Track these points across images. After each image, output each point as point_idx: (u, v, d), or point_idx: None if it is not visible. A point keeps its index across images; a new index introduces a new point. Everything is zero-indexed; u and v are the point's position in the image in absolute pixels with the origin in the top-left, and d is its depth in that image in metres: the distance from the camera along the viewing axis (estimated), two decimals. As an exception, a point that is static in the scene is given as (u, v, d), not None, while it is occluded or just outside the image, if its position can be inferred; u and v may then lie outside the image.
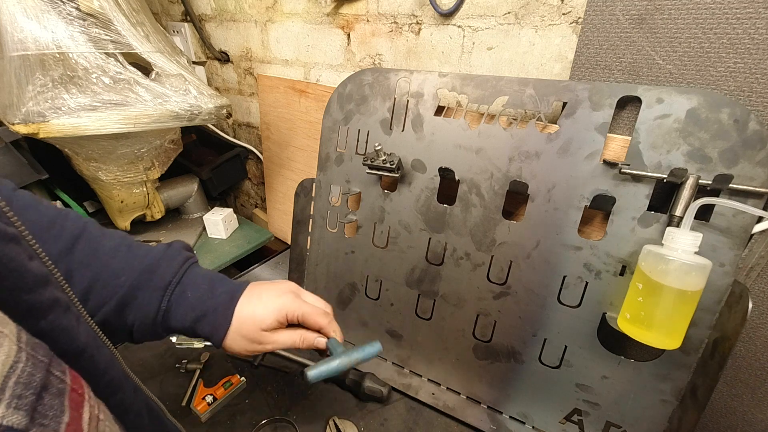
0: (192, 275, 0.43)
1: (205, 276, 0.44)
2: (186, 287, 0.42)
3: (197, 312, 0.41)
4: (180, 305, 0.41)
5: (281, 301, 0.44)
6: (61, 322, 0.25)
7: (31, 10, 0.67)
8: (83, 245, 0.39)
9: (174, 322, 0.41)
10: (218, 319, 0.42)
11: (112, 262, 0.39)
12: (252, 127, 1.18)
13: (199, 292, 0.42)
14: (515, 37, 0.62)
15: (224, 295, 0.43)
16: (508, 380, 0.61)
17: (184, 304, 0.41)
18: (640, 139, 0.48)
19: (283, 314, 0.43)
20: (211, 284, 0.43)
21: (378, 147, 0.60)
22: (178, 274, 0.42)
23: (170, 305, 0.41)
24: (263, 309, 0.43)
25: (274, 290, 0.45)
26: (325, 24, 0.84)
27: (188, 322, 0.41)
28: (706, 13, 0.45)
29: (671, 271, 0.43)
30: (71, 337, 0.26)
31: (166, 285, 0.41)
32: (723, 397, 0.57)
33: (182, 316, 0.41)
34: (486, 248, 0.59)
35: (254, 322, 0.42)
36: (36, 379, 0.19)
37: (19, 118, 0.68)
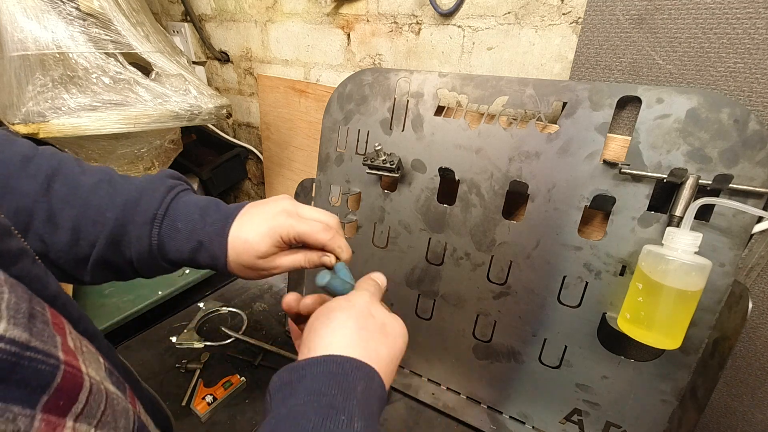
0: (181, 205, 0.40)
1: (197, 203, 0.41)
2: (176, 218, 0.39)
3: (192, 243, 0.39)
4: (173, 238, 0.39)
5: (273, 224, 0.40)
6: (31, 270, 0.25)
7: (31, 10, 0.67)
8: (61, 183, 0.37)
9: (172, 254, 0.39)
10: (214, 249, 0.39)
11: (93, 198, 0.37)
12: (252, 127, 1.18)
13: (190, 221, 0.39)
14: (515, 37, 0.62)
15: (217, 222, 0.40)
16: (508, 380, 0.61)
17: (177, 237, 0.39)
18: (640, 139, 0.48)
19: (276, 237, 0.40)
20: (203, 212, 0.40)
21: (378, 147, 0.60)
22: (162, 206, 0.39)
23: (162, 238, 0.39)
24: (255, 235, 0.39)
25: (266, 211, 0.41)
26: (325, 24, 0.84)
27: (186, 253, 0.39)
28: (706, 13, 0.45)
29: (671, 271, 0.43)
30: (43, 285, 0.26)
31: (151, 218, 0.38)
32: (723, 397, 0.57)
33: (178, 248, 0.39)
34: (486, 248, 0.59)
35: (248, 251, 0.39)
36: (23, 308, 0.20)
37: (19, 118, 0.68)
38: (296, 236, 0.40)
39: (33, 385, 0.20)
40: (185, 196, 0.42)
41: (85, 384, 0.23)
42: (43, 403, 0.20)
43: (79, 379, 0.22)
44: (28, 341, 0.20)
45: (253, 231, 0.40)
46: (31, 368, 0.20)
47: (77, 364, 0.23)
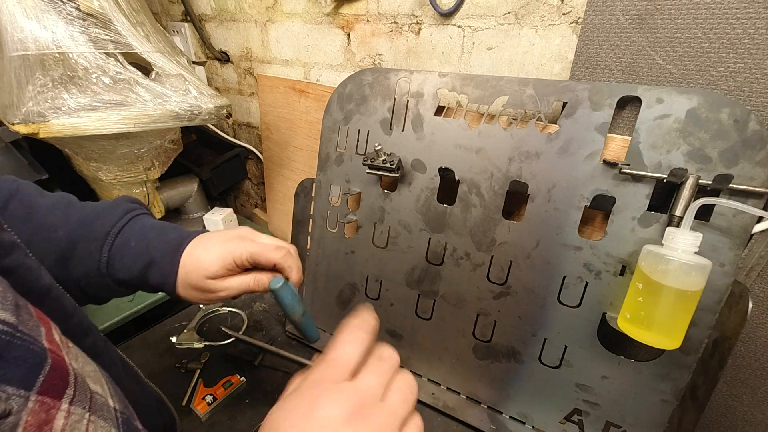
0: (137, 225, 0.41)
1: (154, 225, 0.42)
2: (129, 237, 0.40)
3: (144, 260, 0.39)
4: (124, 255, 0.39)
5: (226, 246, 0.40)
6: (24, 261, 0.26)
7: (31, 10, 0.67)
8: (17, 204, 0.38)
9: (121, 273, 0.39)
10: (165, 266, 0.39)
11: (48, 218, 0.38)
12: (252, 127, 1.18)
13: (145, 239, 0.40)
14: (515, 37, 0.62)
15: (173, 241, 0.41)
16: (508, 380, 0.61)
17: (129, 254, 0.39)
18: (640, 139, 0.48)
19: (229, 259, 0.40)
20: (160, 232, 0.41)
21: (378, 147, 0.60)
22: (117, 225, 0.39)
23: (112, 255, 0.39)
24: (207, 255, 0.40)
25: (222, 236, 0.42)
26: (325, 24, 0.84)
27: (136, 271, 0.39)
28: (706, 13, 0.45)
29: (671, 271, 0.43)
30: (36, 277, 0.27)
31: (104, 235, 0.39)
32: (723, 397, 0.57)
33: (128, 265, 0.39)
34: (486, 248, 0.59)
35: (199, 270, 0.40)
36: (9, 297, 0.21)
37: (19, 118, 0.68)
38: (249, 257, 0.40)
39: (29, 363, 0.20)
40: (144, 218, 0.42)
41: (71, 372, 0.23)
42: (39, 383, 0.20)
43: (65, 367, 0.23)
44: (16, 324, 0.20)
45: (207, 251, 0.40)
46: (24, 347, 0.20)
47: (62, 355, 0.23)
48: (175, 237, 0.41)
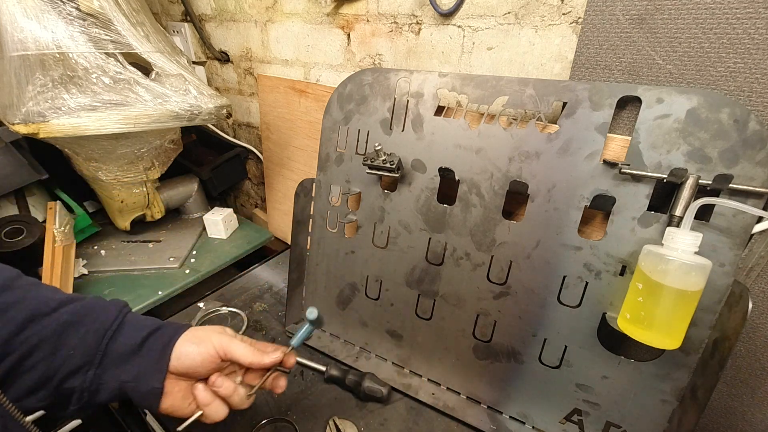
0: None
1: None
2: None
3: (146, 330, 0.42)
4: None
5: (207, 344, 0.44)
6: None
7: (31, 10, 0.67)
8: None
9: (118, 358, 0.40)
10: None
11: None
12: (252, 127, 1.18)
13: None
14: (515, 37, 0.62)
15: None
16: (508, 380, 0.61)
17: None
18: (640, 139, 0.48)
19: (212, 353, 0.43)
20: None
21: (378, 147, 0.60)
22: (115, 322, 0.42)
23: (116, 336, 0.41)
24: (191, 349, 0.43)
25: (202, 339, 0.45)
26: (325, 24, 0.84)
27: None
28: (706, 13, 0.45)
29: (671, 271, 0.43)
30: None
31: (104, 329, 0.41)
32: (723, 397, 0.57)
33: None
34: (486, 248, 0.59)
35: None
36: None
37: (19, 118, 0.68)
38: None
39: None
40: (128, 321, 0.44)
41: None
42: None
43: None
44: None
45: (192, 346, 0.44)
46: None
47: None
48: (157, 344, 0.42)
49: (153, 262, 0.95)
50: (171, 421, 0.60)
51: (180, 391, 0.43)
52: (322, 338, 0.76)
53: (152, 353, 0.41)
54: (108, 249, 0.99)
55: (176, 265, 0.95)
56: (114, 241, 1.02)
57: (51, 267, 0.77)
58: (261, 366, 0.45)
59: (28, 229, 0.84)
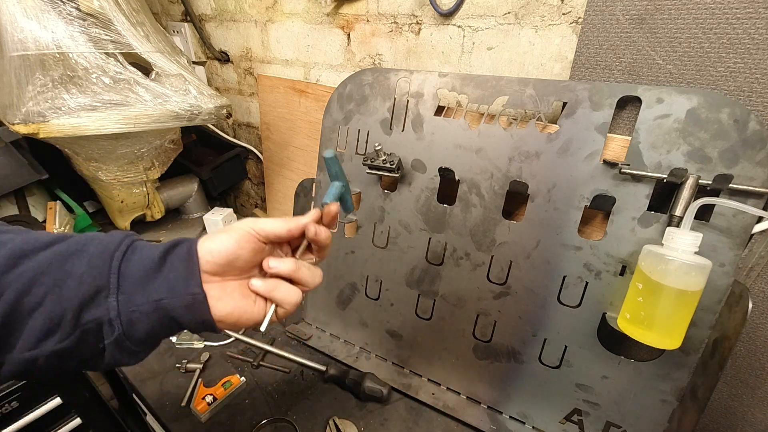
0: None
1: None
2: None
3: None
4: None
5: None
6: None
7: (31, 10, 0.67)
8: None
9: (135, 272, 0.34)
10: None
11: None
12: (252, 127, 1.18)
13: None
14: (515, 37, 0.62)
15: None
16: (508, 380, 0.61)
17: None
18: (640, 139, 0.48)
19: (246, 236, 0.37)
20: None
21: (378, 147, 0.60)
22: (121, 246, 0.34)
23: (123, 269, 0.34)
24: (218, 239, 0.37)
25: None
26: (325, 24, 0.84)
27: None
28: (706, 13, 0.45)
29: (671, 271, 0.43)
30: None
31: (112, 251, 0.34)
32: (723, 397, 0.57)
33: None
34: (486, 248, 0.59)
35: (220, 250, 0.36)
36: None
37: (19, 118, 0.68)
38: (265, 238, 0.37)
39: None
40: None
41: None
42: None
43: None
44: None
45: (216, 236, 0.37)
46: None
47: None
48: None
49: (153, 262, 0.95)
50: (171, 421, 0.60)
51: (234, 291, 0.36)
52: (322, 338, 0.76)
53: (177, 263, 0.34)
54: (108, 249, 0.99)
55: (176, 265, 0.94)
56: (114, 241, 1.02)
57: (51, 267, 0.77)
58: (300, 228, 0.39)
59: (28, 229, 0.84)
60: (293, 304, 0.38)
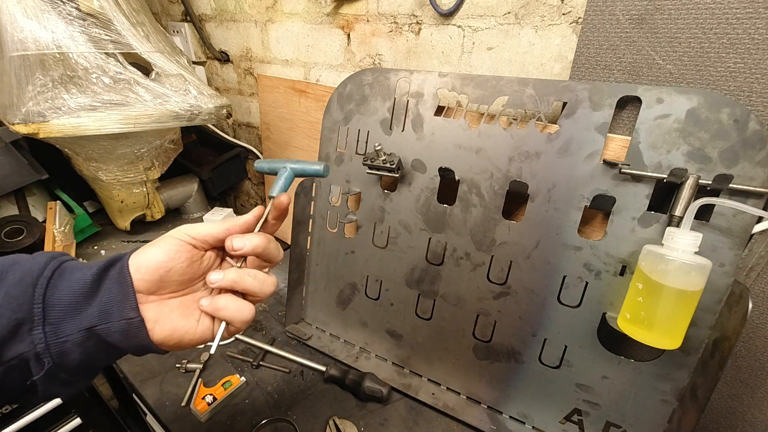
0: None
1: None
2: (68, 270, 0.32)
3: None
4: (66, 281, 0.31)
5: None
6: None
7: (31, 10, 0.67)
8: None
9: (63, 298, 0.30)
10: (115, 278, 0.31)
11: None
12: (252, 127, 1.18)
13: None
14: (515, 37, 0.62)
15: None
16: (508, 380, 0.61)
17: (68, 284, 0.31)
18: (640, 139, 0.48)
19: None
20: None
21: (378, 147, 0.60)
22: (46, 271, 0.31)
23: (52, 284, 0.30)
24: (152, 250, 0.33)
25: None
26: (325, 24, 0.84)
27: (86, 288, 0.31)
28: (706, 13, 0.45)
29: (671, 271, 0.43)
30: None
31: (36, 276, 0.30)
32: (723, 397, 0.57)
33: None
34: (486, 248, 0.59)
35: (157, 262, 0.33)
36: None
37: (19, 118, 0.68)
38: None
39: None
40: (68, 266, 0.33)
41: None
42: None
43: None
44: None
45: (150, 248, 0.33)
46: None
47: None
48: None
49: (153, 262, 0.95)
50: (171, 421, 0.60)
51: (174, 310, 0.33)
52: (322, 338, 0.76)
53: (111, 284, 0.31)
54: (108, 249, 0.99)
55: (176, 265, 0.95)
56: (114, 241, 1.02)
57: (51, 267, 0.77)
58: (242, 227, 0.35)
59: (28, 229, 0.84)
60: (243, 321, 0.34)
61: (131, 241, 1.03)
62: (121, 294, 0.31)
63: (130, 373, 0.67)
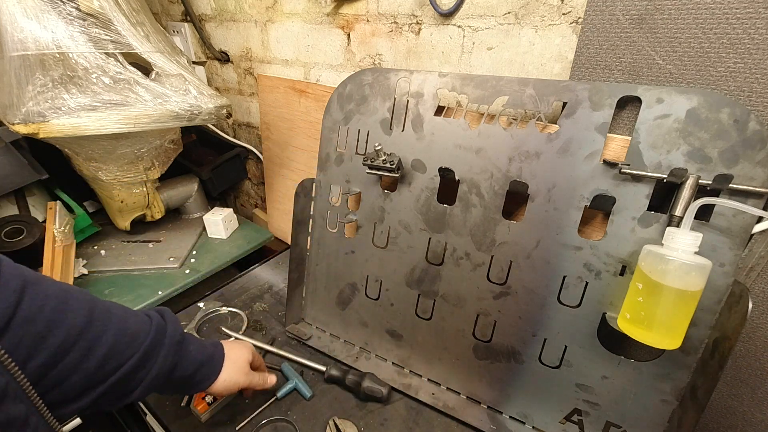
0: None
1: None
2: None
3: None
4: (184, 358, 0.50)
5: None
6: (11, 412, 0.27)
7: (31, 10, 0.67)
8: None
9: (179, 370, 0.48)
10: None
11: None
12: (252, 127, 1.18)
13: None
14: (515, 37, 0.62)
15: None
16: (508, 380, 0.61)
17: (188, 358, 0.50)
18: (640, 139, 0.48)
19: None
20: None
21: (378, 147, 0.60)
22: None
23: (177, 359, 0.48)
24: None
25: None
26: (325, 24, 0.84)
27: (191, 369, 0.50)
28: (706, 13, 0.45)
29: (671, 271, 0.43)
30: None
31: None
32: (723, 397, 0.57)
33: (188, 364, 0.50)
34: (486, 248, 0.59)
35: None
36: None
37: (19, 118, 0.68)
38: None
39: None
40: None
41: None
42: None
43: None
44: None
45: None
46: None
47: None
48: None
49: (153, 262, 0.95)
50: (171, 421, 0.60)
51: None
52: (323, 338, 0.76)
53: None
54: (108, 249, 0.99)
55: (176, 265, 0.95)
56: (114, 241, 1.02)
57: (51, 267, 0.77)
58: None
59: (28, 229, 0.84)
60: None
61: (131, 241, 1.03)
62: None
63: (130, 373, 0.67)
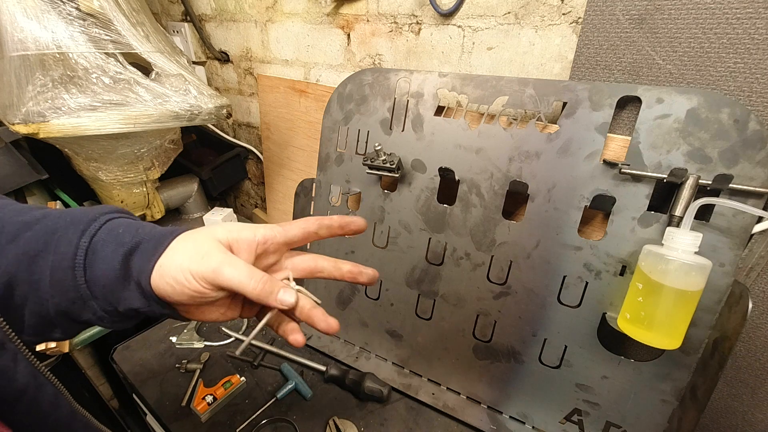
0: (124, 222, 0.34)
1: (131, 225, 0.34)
2: (117, 225, 0.33)
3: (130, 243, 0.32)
4: (107, 242, 0.32)
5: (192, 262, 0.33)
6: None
7: (31, 10, 0.67)
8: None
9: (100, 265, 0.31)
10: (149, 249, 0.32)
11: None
12: (252, 127, 1.18)
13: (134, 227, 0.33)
14: (515, 37, 0.62)
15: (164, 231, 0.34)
16: (508, 380, 0.61)
17: (113, 240, 0.32)
18: (640, 139, 0.48)
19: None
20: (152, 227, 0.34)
21: (378, 147, 0.60)
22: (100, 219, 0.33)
23: (94, 243, 0.31)
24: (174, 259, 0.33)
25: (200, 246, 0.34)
26: (325, 24, 0.83)
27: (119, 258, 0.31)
28: (706, 13, 0.45)
29: (671, 271, 0.43)
30: (8, 380, 0.26)
31: (88, 221, 0.32)
32: (723, 397, 0.57)
33: (110, 254, 0.31)
34: (486, 248, 0.59)
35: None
36: None
37: (19, 118, 0.68)
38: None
39: None
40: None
41: None
42: None
43: None
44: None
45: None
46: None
47: None
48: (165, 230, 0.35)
49: (153, 262, 0.95)
50: (171, 421, 0.60)
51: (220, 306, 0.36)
52: (323, 338, 0.76)
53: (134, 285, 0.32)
54: (108, 249, 0.99)
55: (176, 265, 0.94)
56: (114, 241, 1.02)
57: (51, 267, 0.77)
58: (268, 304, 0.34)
59: (28, 229, 0.84)
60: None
61: (131, 241, 1.02)
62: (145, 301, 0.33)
63: (130, 373, 0.67)
